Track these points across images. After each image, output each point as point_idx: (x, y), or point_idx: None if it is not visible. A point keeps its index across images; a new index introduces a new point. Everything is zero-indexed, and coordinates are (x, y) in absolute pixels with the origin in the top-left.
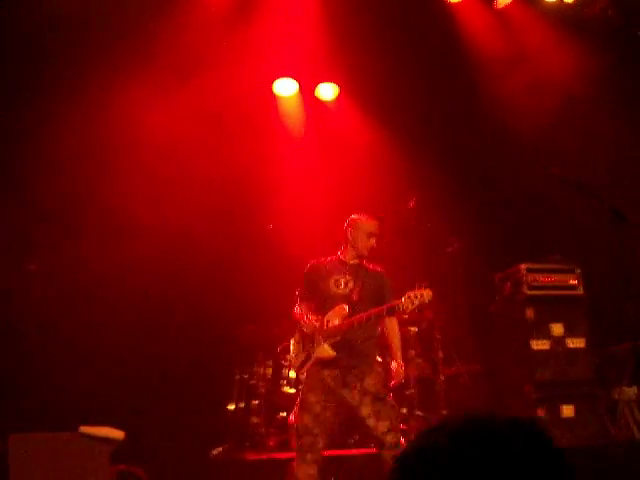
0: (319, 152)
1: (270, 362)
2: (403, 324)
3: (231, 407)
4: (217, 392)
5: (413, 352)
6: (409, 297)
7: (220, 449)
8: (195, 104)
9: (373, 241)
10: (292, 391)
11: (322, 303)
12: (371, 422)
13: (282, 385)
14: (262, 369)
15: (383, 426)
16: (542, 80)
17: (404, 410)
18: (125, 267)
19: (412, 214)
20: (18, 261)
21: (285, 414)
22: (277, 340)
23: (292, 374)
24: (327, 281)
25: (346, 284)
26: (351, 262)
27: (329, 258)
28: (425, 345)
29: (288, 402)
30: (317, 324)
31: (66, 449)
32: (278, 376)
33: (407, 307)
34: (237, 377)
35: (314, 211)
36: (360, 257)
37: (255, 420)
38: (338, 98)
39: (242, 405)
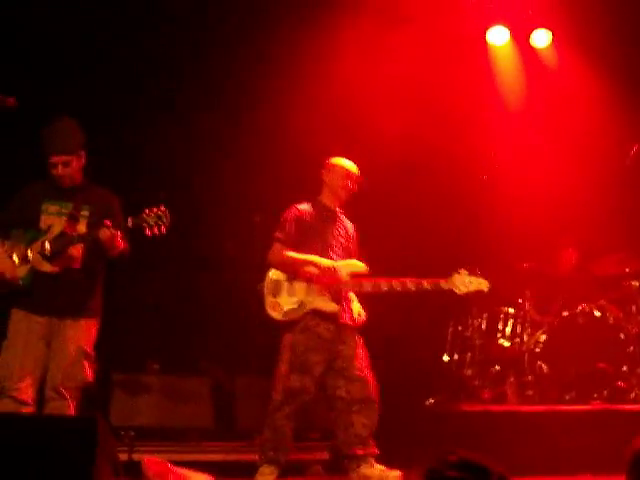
0: (536, 104)
1: (485, 314)
2: (625, 278)
3: (445, 359)
4: (432, 343)
5: (634, 307)
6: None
7: (434, 400)
8: (405, 52)
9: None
10: (507, 344)
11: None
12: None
13: (498, 338)
14: (477, 321)
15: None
16: None
17: (624, 368)
18: None
19: (635, 161)
20: (246, 212)
21: (499, 367)
22: (493, 293)
23: (508, 329)
24: (323, 229)
25: (340, 235)
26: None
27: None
28: None
29: (503, 355)
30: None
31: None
32: (493, 329)
33: (460, 290)
34: (451, 329)
35: (529, 160)
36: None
37: (469, 372)
38: (552, 45)
39: (456, 357)
